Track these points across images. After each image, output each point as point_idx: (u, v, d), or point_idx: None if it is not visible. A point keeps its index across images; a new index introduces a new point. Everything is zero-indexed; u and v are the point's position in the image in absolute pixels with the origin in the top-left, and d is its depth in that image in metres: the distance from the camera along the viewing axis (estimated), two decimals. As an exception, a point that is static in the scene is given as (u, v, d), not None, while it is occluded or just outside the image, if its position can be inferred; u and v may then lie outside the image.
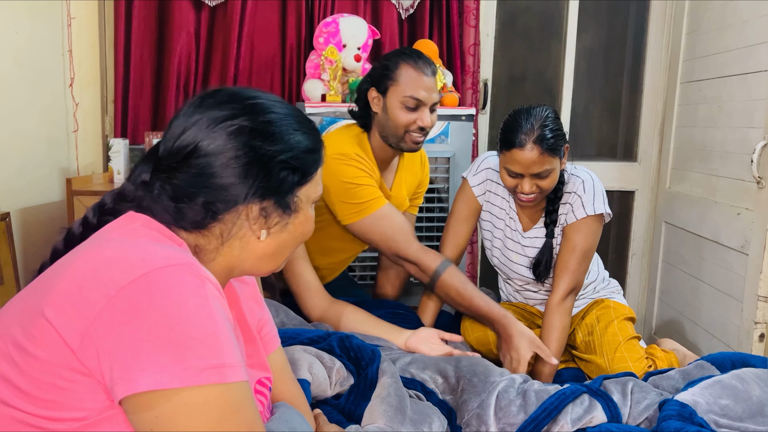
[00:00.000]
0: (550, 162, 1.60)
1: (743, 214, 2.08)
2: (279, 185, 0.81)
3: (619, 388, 1.34)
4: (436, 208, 2.35)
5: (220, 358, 0.66)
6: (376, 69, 1.75)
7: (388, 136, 1.74)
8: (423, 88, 1.68)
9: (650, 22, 2.78)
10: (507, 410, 1.27)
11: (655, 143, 2.82)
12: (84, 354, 0.65)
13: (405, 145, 1.75)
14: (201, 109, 0.81)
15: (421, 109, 1.70)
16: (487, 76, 2.71)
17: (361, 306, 1.83)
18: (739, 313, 2.08)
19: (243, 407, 0.68)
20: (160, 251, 0.70)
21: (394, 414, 1.16)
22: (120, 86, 2.42)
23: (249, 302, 0.98)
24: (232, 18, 2.42)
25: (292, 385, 1.04)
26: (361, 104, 1.79)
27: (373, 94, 1.74)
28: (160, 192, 0.79)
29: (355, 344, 1.35)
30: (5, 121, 1.98)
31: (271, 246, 0.85)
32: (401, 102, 1.69)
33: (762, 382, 1.27)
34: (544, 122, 1.59)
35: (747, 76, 2.11)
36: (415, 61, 1.69)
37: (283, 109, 0.85)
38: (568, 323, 1.72)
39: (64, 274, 0.69)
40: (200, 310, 0.67)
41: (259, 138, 0.80)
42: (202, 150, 0.78)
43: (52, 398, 0.66)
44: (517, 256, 1.82)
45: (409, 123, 1.70)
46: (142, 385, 0.63)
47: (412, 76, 1.68)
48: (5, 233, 1.90)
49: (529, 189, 1.63)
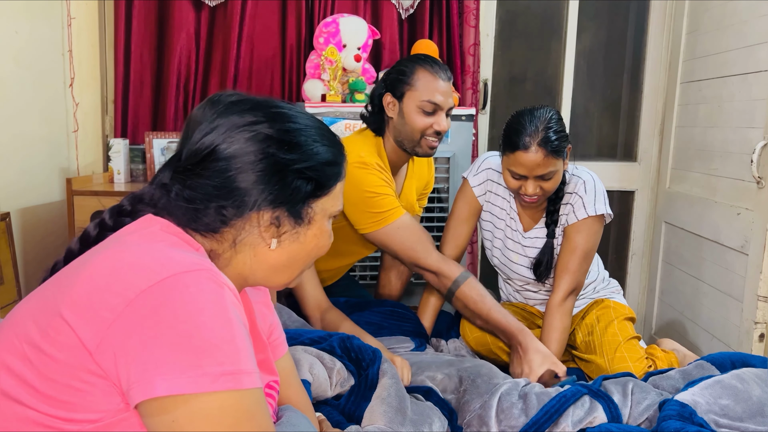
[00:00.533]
0: (554, 164, 1.59)
1: (743, 214, 2.08)
2: (292, 194, 0.81)
3: (620, 388, 1.34)
4: (436, 208, 2.35)
5: (237, 365, 0.67)
6: (391, 74, 1.75)
7: (404, 141, 1.75)
8: (440, 93, 1.70)
9: (650, 22, 2.78)
10: (509, 412, 1.27)
11: (655, 143, 2.82)
12: (101, 356, 0.65)
13: (421, 149, 1.75)
14: (226, 113, 0.81)
15: (437, 113, 1.71)
16: (487, 76, 2.71)
17: (360, 306, 1.84)
18: (739, 313, 2.08)
19: (257, 413, 0.69)
20: (179, 256, 0.71)
21: (394, 415, 1.16)
22: (120, 86, 2.42)
23: (261, 308, 0.99)
24: (232, 18, 2.42)
25: (298, 390, 1.05)
26: (375, 109, 1.79)
27: (389, 99, 1.74)
28: (178, 194, 0.79)
29: (356, 345, 1.35)
30: (5, 121, 1.98)
31: (282, 256, 0.84)
32: (418, 106, 1.70)
33: (762, 382, 1.28)
34: (548, 124, 1.59)
35: (747, 76, 2.12)
36: (431, 66, 1.71)
37: (307, 120, 0.85)
38: (569, 324, 1.72)
39: (82, 276, 0.69)
40: (218, 316, 0.67)
41: (276, 145, 0.80)
42: (219, 153, 0.78)
43: (66, 399, 0.66)
44: (518, 256, 1.82)
45: (426, 127, 1.71)
46: (159, 390, 0.63)
47: (429, 80, 1.70)
48: (5, 233, 1.91)
49: (533, 191, 1.63)
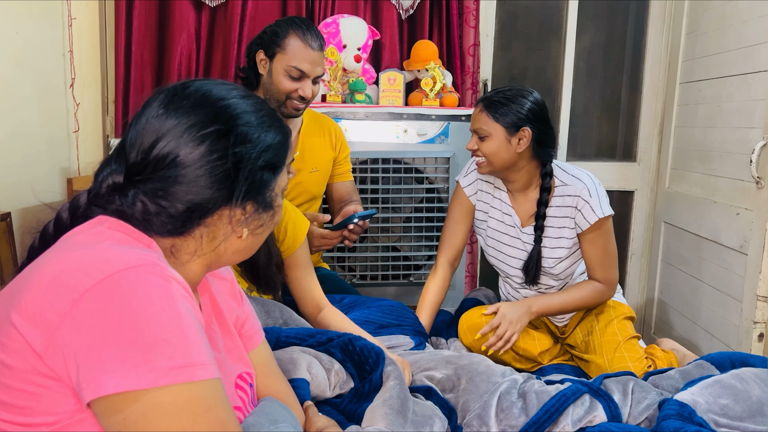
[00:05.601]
0: (486, 123, 1.70)
1: (742, 214, 2.08)
2: (257, 186, 0.82)
3: (620, 387, 1.34)
4: (436, 209, 2.35)
5: (189, 357, 0.66)
6: (266, 32, 1.79)
7: (270, 99, 1.79)
8: (308, 61, 1.74)
9: (650, 22, 2.78)
10: (509, 412, 1.27)
11: (654, 143, 2.82)
12: (51, 359, 0.65)
13: (285, 110, 1.80)
14: (171, 110, 0.79)
15: (304, 79, 1.75)
16: (487, 77, 2.71)
17: (359, 304, 1.83)
18: (738, 313, 2.09)
19: (215, 405, 0.68)
20: (124, 252, 0.70)
21: (395, 417, 1.15)
22: (121, 86, 2.42)
23: (226, 298, 0.98)
24: (233, 18, 2.42)
25: (278, 379, 1.04)
26: (249, 64, 1.83)
27: (261, 56, 1.79)
28: (134, 200, 0.78)
29: (358, 346, 1.33)
30: (6, 121, 1.98)
31: (248, 239, 0.86)
32: (285, 70, 1.74)
33: (761, 381, 1.28)
34: (514, 94, 1.71)
35: (746, 76, 2.12)
36: (303, 33, 1.74)
37: (251, 106, 0.84)
38: (583, 298, 1.78)
39: (30, 280, 0.69)
40: (166, 310, 0.67)
41: (236, 144, 0.80)
42: (180, 160, 0.77)
43: (22, 404, 0.66)
44: (515, 250, 1.83)
45: (291, 90, 1.76)
46: (107, 388, 0.63)
47: (298, 47, 1.73)
48: (6, 233, 1.91)
49: (471, 145, 1.75)
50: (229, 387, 0.89)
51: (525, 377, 1.39)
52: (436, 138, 2.30)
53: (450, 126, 2.30)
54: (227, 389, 0.80)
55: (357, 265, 2.37)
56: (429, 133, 2.31)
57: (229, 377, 0.90)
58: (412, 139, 2.29)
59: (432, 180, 2.31)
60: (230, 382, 0.90)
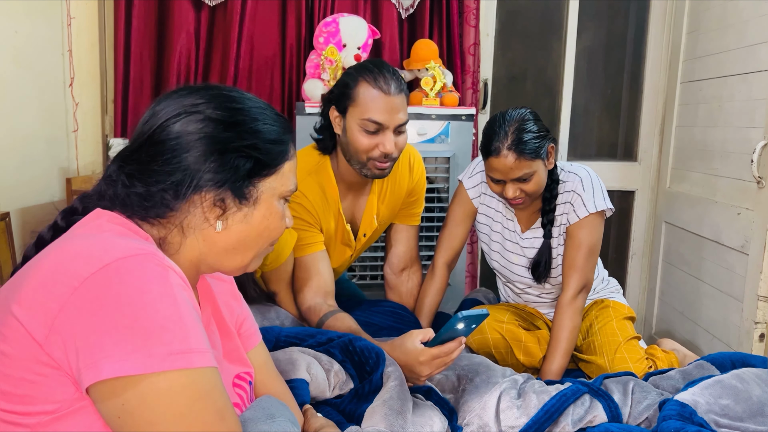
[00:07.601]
0: (529, 165, 1.57)
1: (743, 214, 2.08)
2: (232, 173, 0.81)
3: (620, 387, 1.34)
4: (436, 208, 2.35)
5: (186, 344, 0.67)
6: (337, 84, 1.56)
7: (351, 161, 1.57)
8: (383, 110, 1.48)
9: (650, 22, 2.78)
10: (509, 412, 1.27)
11: (655, 143, 2.82)
12: (51, 346, 0.65)
13: (369, 171, 1.57)
14: (165, 101, 0.82)
15: (383, 132, 1.50)
16: (487, 76, 2.71)
17: (359, 306, 1.83)
18: (739, 313, 2.08)
19: (211, 392, 0.69)
20: (122, 243, 0.71)
21: (395, 418, 1.15)
22: (120, 86, 2.42)
23: (226, 298, 0.99)
24: (232, 18, 2.42)
25: (276, 380, 1.04)
26: (324, 123, 1.61)
27: (334, 114, 1.56)
28: (123, 184, 0.80)
29: (359, 347, 1.32)
30: (5, 120, 1.98)
31: (231, 238, 0.83)
32: (360, 125, 1.50)
33: (762, 382, 1.27)
34: (520, 126, 1.56)
35: (747, 75, 2.11)
36: (375, 77, 1.49)
37: (250, 101, 0.84)
38: (579, 322, 1.69)
39: (31, 273, 0.70)
40: (164, 297, 0.68)
41: (214, 124, 0.80)
42: (158, 136, 0.79)
43: (23, 393, 0.67)
44: (517, 257, 1.82)
45: (370, 148, 1.52)
46: (106, 372, 0.64)
47: (371, 95, 1.48)
48: (5, 233, 1.90)
49: (513, 194, 1.61)
50: (226, 386, 0.89)
51: (525, 377, 1.39)
52: (436, 138, 2.29)
53: (450, 125, 2.29)
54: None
55: (356, 265, 2.37)
56: (429, 133, 2.30)
57: (226, 379, 0.90)
58: (412, 139, 2.28)
59: (432, 180, 2.30)
60: (227, 383, 0.90)
